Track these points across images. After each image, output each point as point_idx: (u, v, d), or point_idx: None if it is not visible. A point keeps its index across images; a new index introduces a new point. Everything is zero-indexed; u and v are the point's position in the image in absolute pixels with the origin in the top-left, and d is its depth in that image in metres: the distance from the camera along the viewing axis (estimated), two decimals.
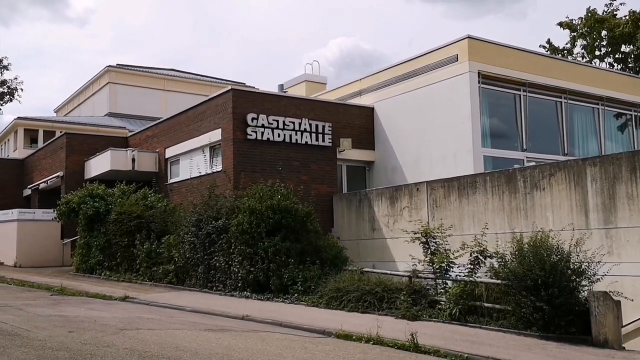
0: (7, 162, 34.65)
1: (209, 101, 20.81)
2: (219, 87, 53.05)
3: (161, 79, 51.36)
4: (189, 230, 16.91)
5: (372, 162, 22.56)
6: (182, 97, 50.89)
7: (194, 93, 52.01)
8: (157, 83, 50.87)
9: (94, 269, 20.19)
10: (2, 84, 39.45)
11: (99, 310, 12.05)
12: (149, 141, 25.30)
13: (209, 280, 16.16)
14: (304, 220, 15.21)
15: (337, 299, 12.87)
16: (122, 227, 19.17)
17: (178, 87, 51.21)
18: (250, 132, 19.28)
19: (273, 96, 20.71)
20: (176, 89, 51.00)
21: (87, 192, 20.60)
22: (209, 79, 54.86)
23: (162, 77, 50.95)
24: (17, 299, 13.54)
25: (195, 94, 51.92)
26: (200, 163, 20.90)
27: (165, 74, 51.68)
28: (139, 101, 47.94)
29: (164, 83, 51.27)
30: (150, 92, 49.74)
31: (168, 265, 17.37)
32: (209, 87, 53.87)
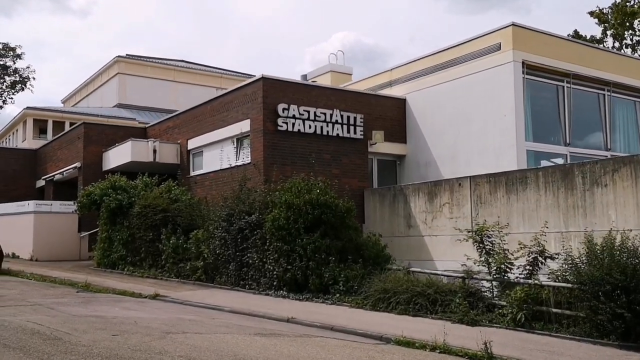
0: (19, 153, 34.13)
1: (237, 90, 20.15)
2: (229, 79, 52.91)
3: (171, 70, 50.75)
4: (219, 225, 16.29)
5: (404, 156, 21.86)
6: (192, 89, 50.35)
7: (204, 85, 51.47)
8: (167, 74, 50.28)
9: (116, 264, 19.61)
10: (14, 73, 38.81)
11: (134, 310, 11.46)
12: (169, 132, 24.68)
13: (241, 278, 15.55)
14: (344, 216, 14.58)
15: (384, 301, 12.23)
16: (146, 221, 18.57)
17: (188, 78, 50.62)
18: (280, 123, 18.61)
19: (304, 86, 20.02)
20: (186, 80, 50.41)
21: (109, 184, 20.01)
22: (219, 70, 54.21)
23: (171, 68, 50.33)
24: (45, 296, 12.95)
25: (205, 85, 51.44)
26: (226, 155, 20.27)
27: (174, 64, 51.06)
28: (149, 92, 47.38)
29: (174, 74, 50.67)
30: (159, 83, 49.17)
31: (196, 261, 16.76)
32: (218, 78, 53.32)
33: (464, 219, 16.07)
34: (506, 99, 17.86)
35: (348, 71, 27.52)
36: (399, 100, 21.88)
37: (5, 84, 38.70)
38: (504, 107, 17.93)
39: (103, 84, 51.48)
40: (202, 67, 53.39)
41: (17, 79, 39.09)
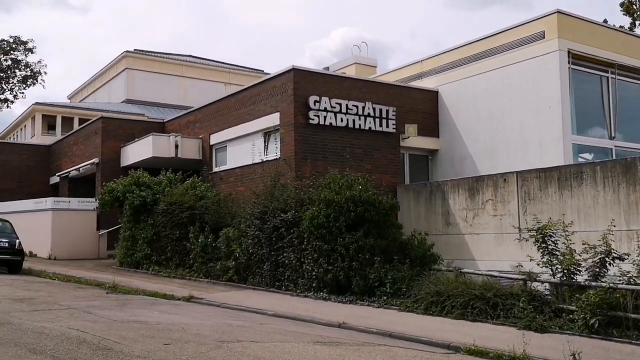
0: (33, 149, 33.57)
1: (265, 82, 19.48)
2: (237, 74, 52.34)
3: (179, 65, 50.17)
4: (251, 223, 15.64)
5: (436, 150, 21.18)
6: (200, 84, 49.76)
7: (212, 80, 50.90)
8: (175, 69, 49.71)
9: (141, 263, 19.01)
10: (25, 67, 38.21)
11: (174, 314, 10.83)
12: (190, 127, 24.04)
13: (276, 278, 14.91)
14: (388, 214, 13.91)
15: (437, 304, 11.55)
16: (172, 219, 17.96)
17: (196, 73, 50.03)
18: (312, 116, 17.95)
19: (335, 77, 19.33)
20: (194, 76, 49.83)
21: (132, 180, 19.39)
22: (228, 65, 53.58)
23: (179, 63, 49.78)
24: (76, 299, 12.34)
25: (213, 80, 50.86)
26: (254, 150, 19.61)
27: (182, 60, 50.49)
28: (157, 88, 46.85)
29: (182, 69, 50.08)
30: (167, 78, 48.60)
31: (227, 261, 16.13)
32: (227, 73, 52.72)
33: (510, 216, 15.38)
34: (551, 90, 17.14)
35: (373, 63, 26.84)
36: (431, 92, 21.18)
37: (16, 79, 38.09)
38: (548, 99, 17.21)
39: (111, 79, 50.93)
40: (210, 62, 52.78)
41: (28, 73, 38.43)
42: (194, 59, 52.28)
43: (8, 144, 34.55)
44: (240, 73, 53.72)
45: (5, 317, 9.41)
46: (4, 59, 37.33)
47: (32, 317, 9.48)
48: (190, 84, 49.91)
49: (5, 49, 37.07)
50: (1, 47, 36.96)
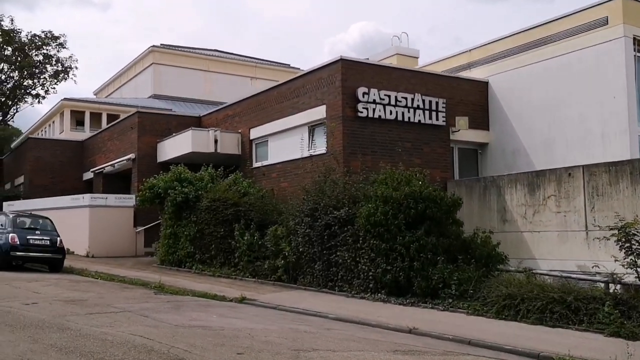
0: (66, 144, 33.49)
1: (309, 74, 18.90)
2: (263, 69, 51.88)
3: (205, 60, 49.89)
4: (301, 220, 15.10)
5: (486, 144, 20.43)
6: (226, 79, 49.39)
7: (238, 74, 50.51)
8: (201, 64, 49.45)
9: (183, 262, 18.60)
10: (57, 62, 38.14)
11: (234, 318, 10.33)
12: (228, 121, 23.59)
13: (328, 278, 14.35)
14: (450, 211, 13.25)
15: (510, 308, 10.89)
16: (216, 216, 17.49)
17: (222, 68, 49.71)
18: (361, 108, 17.35)
19: (384, 68, 18.66)
20: (220, 70, 49.51)
21: (174, 175, 18.96)
22: (254, 59, 53.18)
23: (206, 57, 49.50)
24: (127, 300, 11.92)
25: (239, 75, 50.48)
26: (297, 144, 19.08)
27: (208, 54, 50.21)
28: (183, 82, 46.63)
29: (208, 64, 49.81)
30: (194, 73, 48.40)
31: (275, 260, 15.62)
32: (253, 68, 52.29)
33: (575, 212, 14.60)
34: (615, 79, 16.29)
35: (414, 54, 26.09)
36: (480, 83, 20.42)
37: (48, 74, 38.03)
38: (612, 89, 16.36)
39: (137, 74, 50.87)
40: (236, 56, 52.41)
41: (59, 68, 38.36)
42: (220, 54, 51.96)
43: (41, 139, 34.51)
44: (267, 67, 53.30)
45: (62, 321, 8.99)
46: (35, 54, 37.21)
47: (90, 321, 9.04)
48: (216, 79, 49.62)
49: (37, 44, 36.99)
50: (33, 42, 36.87)
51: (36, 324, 8.67)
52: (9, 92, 37.72)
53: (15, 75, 37.48)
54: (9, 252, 16.67)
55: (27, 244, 16.96)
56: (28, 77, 37.36)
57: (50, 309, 10.17)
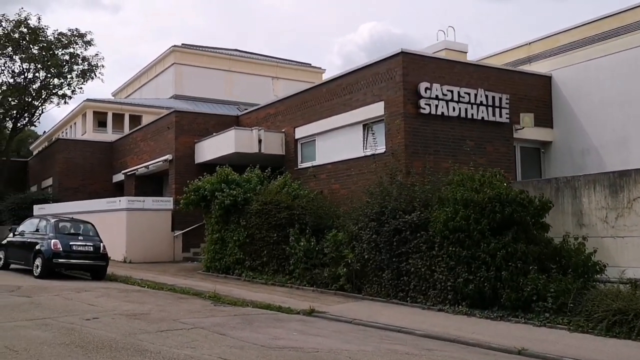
0: (95, 146, 32.85)
1: (364, 69, 17.92)
2: (285, 68, 51.10)
3: (226, 59, 49.26)
4: (366, 225, 14.12)
5: (549, 142, 19.34)
6: (247, 79, 48.68)
7: (260, 74, 49.84)
8: (222, 63, 48.84)
9: (231, 269, 17.71)
10: (83, 61, 37.39)
11: (316, 335, 9.38)
12: (270, 120, 22.68)
13: (398, 288, 13.35)
14: (539, 214, 12.20)
15: (622, 324, 9.82)
16: (268, 220, 16.57)
17: (243, 67, 49.09)
18: (423, 105, 16.36)
19: (445, 62, 17.62)
20: (241, 70, 48.91)
21: (220, 177, 18.07)
22: (275, 59, 52.45)
23: (227, 57, 48.87)
24: (191, 313, 11.02)
25: (261, 75, 49.78)
26: (349, 144, 18.15)
27: (230, 54, 49.54)
28: (204, 83, 46.06)
29: (230, 63, 49.18)
30: (215, 73, 47.82)
31: (337, 267, 14.65)
32: (274, 67, 51.55)
33: None
34: None
35: (463, 49, 24.98)
36: (543, 77, 19.33)
37: (75, 73, 37.30)
38: None
39: (158, 74, 50.32)
40: (257, 56, 51.74)
41: (85, 67, 37.61)
42: (241, 53, 51.32)
43: (71, 140, 33.89)
44: (289, 67, 52.56)
45: (135, 341, 8.09)
46: (61, 53, 36.49)
47: (165, 341, 8.14)
48: (237, 79, 48.96)
49: (64, 43, 36.27)
50: (60, 41, 36.15)
51: (109, 344, 7.79)
52: (35, 92, 37.06)
53: (40, 75, 36.81)
54: (51, 259, 15.88)
55: (69, 250, 16.17)
56: (55, 77, 36.66)
57: (115, 326, 9.29)
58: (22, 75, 36.29)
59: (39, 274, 15.92)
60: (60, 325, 9.14)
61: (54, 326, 9.04)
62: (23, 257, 16.98)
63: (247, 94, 47.22)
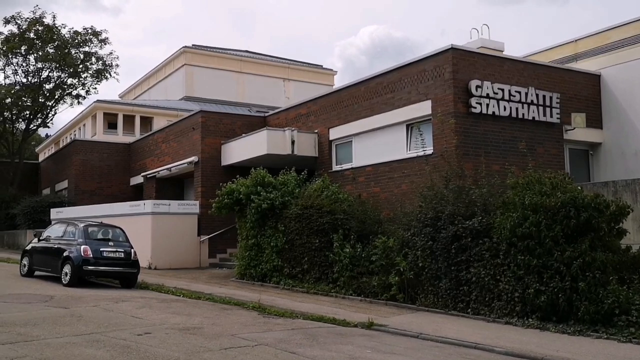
0: (112, 147, 32.19)
1: (408, 66, 17.19)
2: (296, 70, 50.56)
3: (237, 61, 48.85)
4: (420, 231, 13.36)
5: (599, 144, 18.56)
6: (258, 80, 48.26)
7: (271, 76, 49.45)
8: (233, 65, 48.44)
9: (268, 276, 16.95)
10: (98, 60, 36.78)
11: (390, 353, 8.64)
12: (301, 120, 21.97)
13: (458, 299, 12.56)
14: (616, 220, 11.41)
15: None
16: (309, 225, 15.83)
17: (254, 69, 48.71)
18: (474, 103, 15.65)
19: (495, 58, 16.87)
20: (252, 72, 48.55)
21: (255, 180, 17.33)
22: (286, 60, 51.91)
23: (238, 58, 48.44)
24: (246, 327, 10.26)
25: (272, 76, 49.30)
26: (390, 145, 17.43)
27: (240, 55, 49.04)
28: (215, 84, 45.67)
29: (240, 65, 48.77)
30: (226, 74, 47.48)
31: (388, 276, 13.87)
32: (285, 69, 51.13)
33: None
34: None
35: (500, 47, 24.24)
36: (592, 76, 18.57)
37: (90, 72, 36.66)
38: None
39: (167, 76, 49.85)
40: (268, 57, 51.26)
41: (100, 67, 36.99)
42: (252, 55, 50.81)
43: (88, 142, 33.20)
44: (300, 68, 52.05)
45: None
46: (75, 53, 35.85)
47: None
48: (248, 80, 48.52)
49: (79, 42, 35.64)
50: (75, 40, 35.51)
51: None
52: (49, 93, 36.47)
53: (54, 75, 36.21)
54: (81, 266, 15.15)
55: (100, 256, 15.44)
56: (70, 76, 36.04)
57: (172, 342, 8.55)
58: (36, 74, 35.72)
59: (67, 282, 15.20)
60: (113, 341, 8.41)
61: (106, 343, 8.31)
62: (49, 264, 16.27)
63: (259, 95, 46.71)
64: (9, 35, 34.34)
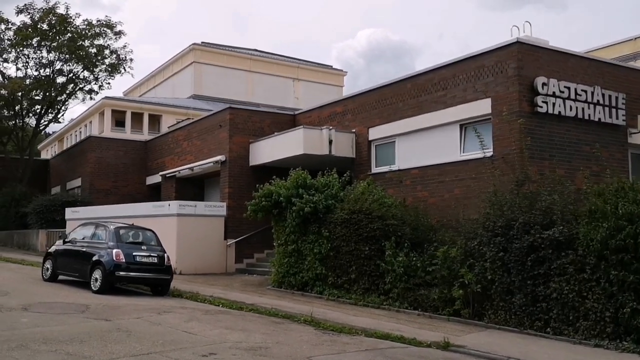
0: (129, 145, 31.15)
1: (464, 62, 16.16)
2: (306, 70, 49.66)
3: (247, 59, 48.01)
4: (489, 240, 12.28)
5: None
6: (267, 79, 47.42)
7: (280, 75, 48.68)
8: (243, 63, 47.61)
9: (309, 285, 15.88)
10: (112, 54, 35.63)
11: None
12: (335, 119, 20.90)
13: (535, 316, 11.47)
14: None
15: None
16: (358, 231, 14.75)
17: (264, 68, 47.92)
18: (540, 102, 14.56)
19: (559, 54, 15.69)
20: (262, 70, 47.73)
21: (297, 181, 16.25)
22: (296, 60, 51.07)
23: (247, 57, 47.60)
24: (317, 347, 9.19)
25: (281, 76, 48.44)
26: (441, 146, 16.40)
27: (250, 53, 48.16)
28: (224, 83, 44.83)
29: (250, 63, 47.96)
30: (235, 73, 46.68)
31: (450, 289, 12.79)
32: (295, 69, 50.31)
33: None
34: None
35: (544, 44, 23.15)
36: None
37: (105, 66, 35.55)
38: None
39: (175, 73, 48.97)
40: (277, 56, 50.39)
41: (114, 61, 35.85)
42: (261, 53, 49.95)
43: (104, 139, 32.08)
44: (309, 68, 51.23)
45: None
46: (88, 45, 34.67)
47: None
48: (258, 79, 47.69)
49: (94, 34, 34.47)
50: (90, 31, 34.32)
51: None
52: (61, 87, 35.37)
53: (67, 69, 35.12)
54: (113, 271, 14.07)
55: (133, 262, 14.36)
56: (85, 68, 34.93)
57: None
58: (48, 67, 34.61)
59: (98, 289, 14.12)
60: None
61: None
62: (77, 269, 15.19)
63: (268, 95, 45.77)
64: (21, 25, 33.23)
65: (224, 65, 47.03)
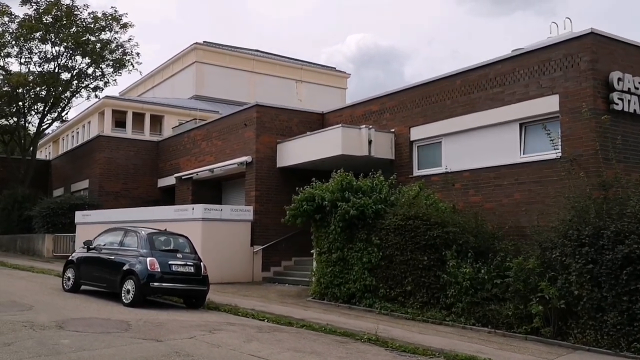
0: (140, 145, 29.95)
1: (526, 55, 15.02)
2: (309, 71, 48.49)
3: (250, 60, 46.92)
4: (573, 251, 11.12)
5: None
6: (270, 81, 46.32)
7: (283, 76, 47.62)
8: (246, 64, 46.50)
9: (356, 297, 14.68)
10: (117, 48, 34.26)
11: None
12: (372, 118, 19.75)
13: (632, 337, 10.32)
14: None
15: None
16: (414, 239, 13.58)
17: (266, 69, 46.84)
18: (616, 99, 13.43)
19: (634, 48, 14.59)
20: (264, 71, 46.65)
21: (341, 184, 15.05)
22: (299, 61, 50.03)
23: (250, 57, 46.51)
24: None
25: (284, 77, 47.38)
26: (496, 147, 15.28)
27: (253, 54, 47.07)
28: (226, 83, 43.62)
29: (253, 64, 46.87)
30: (237, 73, 45.53)
31: (527, 304, 11.63)
32: (298, 70, 49.23)
33: None
34: None
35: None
36: None
37: (110, 61, 34.18)
38: None
39: (175, 73, 47.73)
40: (280, 57, 49.32)
41: (120, 56, 34.47)
42: (264, 54, 48.88)
43: (114, 138, 30.72)
44: (313, 70, 50.18)
45: None
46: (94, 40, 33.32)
47: None
48: (261, 80, 46.56)
49: (100, 26, 33.08)
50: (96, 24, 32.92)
51: None
52: (65, 83, 33.99)
53: (70, 64, 33.76)
54: (147, 282, 12.81)
55: (169, 271, 13.11)
56: (93, 62, 33.55)
57: None
58: (52, 61, 33.22)
59: (130, 301, 12.85)
60: None
61: None
62: (104, 278, 13.92)
63: (271, 96, 44.57)
64: (25, 17, 31.86)
65: (227, 65, 45.90)
